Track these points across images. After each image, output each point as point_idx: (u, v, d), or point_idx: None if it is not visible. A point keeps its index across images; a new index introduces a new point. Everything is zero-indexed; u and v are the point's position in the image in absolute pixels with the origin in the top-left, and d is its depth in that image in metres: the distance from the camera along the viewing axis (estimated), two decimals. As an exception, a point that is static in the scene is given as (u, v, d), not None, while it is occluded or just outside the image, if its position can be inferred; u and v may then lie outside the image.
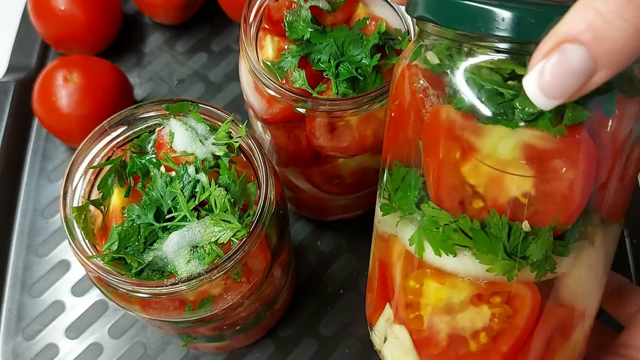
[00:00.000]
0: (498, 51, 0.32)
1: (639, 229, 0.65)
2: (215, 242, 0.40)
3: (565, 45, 0.26)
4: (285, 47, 0.48)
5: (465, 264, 0.35)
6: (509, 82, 0.31)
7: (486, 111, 0.32)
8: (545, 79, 0.27)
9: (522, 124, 0.31)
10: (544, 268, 0.34)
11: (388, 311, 0.41)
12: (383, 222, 0.41)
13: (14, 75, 0.75)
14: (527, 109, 0.31)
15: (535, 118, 0.31)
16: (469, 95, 0.32)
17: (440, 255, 0.35)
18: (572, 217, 0.33)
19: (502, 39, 0.31)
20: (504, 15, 0.29)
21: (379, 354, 0.43)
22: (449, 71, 0.33)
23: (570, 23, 0.26)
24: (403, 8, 0.49)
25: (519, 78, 0.30)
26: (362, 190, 0.59)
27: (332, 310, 0.63)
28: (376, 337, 0.43)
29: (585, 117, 0.31)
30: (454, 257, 0.35)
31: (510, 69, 0.32)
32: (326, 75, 0.46)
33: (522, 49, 0.31)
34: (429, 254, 0.36)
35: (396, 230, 0.38)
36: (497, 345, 0.37)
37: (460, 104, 0.32)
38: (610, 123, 0.32)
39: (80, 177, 0.43)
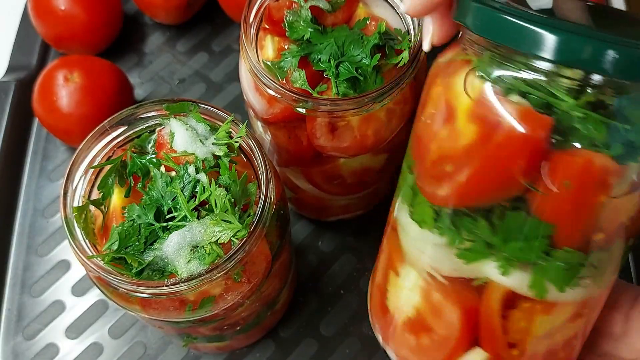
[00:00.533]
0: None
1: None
2: (216, 242, 0.40)
3: None
4: (286, 47, 0.47)
5: (584, 291, 0.36)
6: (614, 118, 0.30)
7: (621, 151, 0.31)
8: None
9: None
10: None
11: (475, 356, 0.39)
12: (461, 269, 0.37)
13: (14, 75, 0.75)
14: None
15: None
16: (613, 138, 0.30)
17: (563, 292, 0.36)
18: None
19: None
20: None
21: None
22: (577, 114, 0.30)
23: None
24: (403, 7, 0.49)
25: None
26: (363, 190, 0.59)
27: (333, 311, 0.63)
28: None
29: None
30: (575, 288, 0.36)
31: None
32: (326, 75, 0.46)
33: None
34: (551, 293, 0.36)
35: (497, 276, 0.36)
36: (576, 345, 0.40)
37: (611, 149, 0.30)
38: None
39: (81, 177, 0.43)
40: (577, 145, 0.30)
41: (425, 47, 0.38)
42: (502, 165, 0.33)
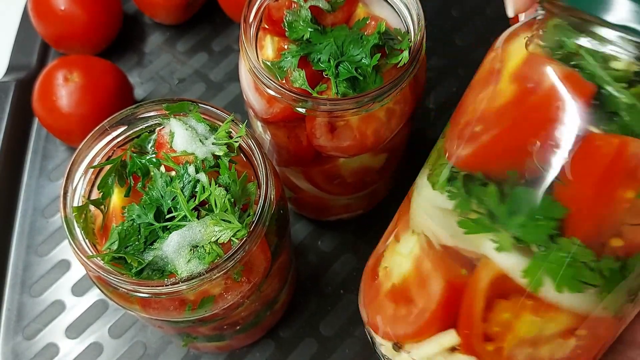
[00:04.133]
0: None
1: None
2: (216, 241, 0.40)
3: None
4: (285, 47, 0.48)
5: (585, 301, 0.33)
6: None
7: None
8: None
9: None
10: (636, 302, 0.34)
11: (450, 338, 0.37)
12: (459, 237, 0.35)
13: (14, 75, 0.75)
14: None
15: None
16: None
17: (560, 292, 0.32)
18: None
19: None
20: None
21: None
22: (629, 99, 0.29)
23: None
24: (403, 8, 0.49)
25: None
26: (363, 190, 0.59)
27: (333, 311, 0.63)
28: (408, 359, 0.39)
29: None
30: (575, 294, 0.32)
31: None
32: (326, 75, 0.46)
33: None
34: (547, 289, 0.33)
35: (492, 253, 0.34)
36: None
37: None
38: None
39: (81, 177, 0.43)
40: (613, 129, 0.29)
41: (510, 12, 0.36)
42: (529, 130, 0.31)
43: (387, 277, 0.41)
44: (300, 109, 0.45)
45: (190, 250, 0.40)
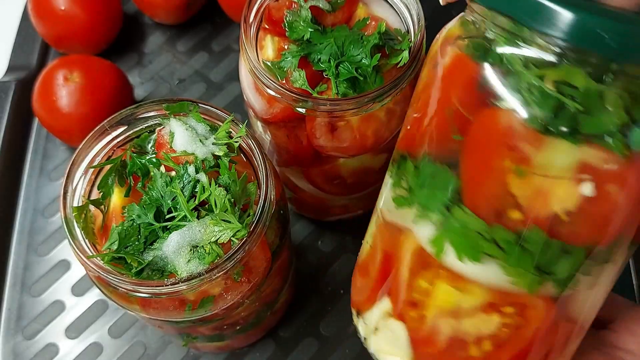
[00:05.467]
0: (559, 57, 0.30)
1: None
2: (216, 242, 0.40)
3: None
4: (286, 47, 0.47)
5: (488, 273, 0.34)
6: (573, 94, 0.30)
7: (548, 123, 0.30)
8: None
9: (584, 141, 0.29)
10: (565, 285, 0.33)
11: (386, 304, 0.40)
12: (394, 212, 0.39)
13: (14, 75, 0.75)
14: (593, 126, 0.29)
15: (600, 137, 0.29)
16: (531, 103, 0.30)
17: (462, 261, 0.34)
18: (609, 240, 0.32)
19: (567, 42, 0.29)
20: (569, 17, 0.28)
21: (362, 341, 0.43)
22: (512, 71, 0.31)
23: None
24: (403, 8, 0.49)
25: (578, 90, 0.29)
26: (363, 190, 0.59)
27: (333, 311, 0.63)
28: (363, 325, 0.43)
29: None
30: (477, 264, 0.34)
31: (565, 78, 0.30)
32: (326, 75, 0.46)
33: (582, 57, 0.29)
34: (450, 258, 0.35)
35: (412, 225, 0.37)
36: (497, 354, 0.36)
37: (523, 111, 0.30)
38: None
39: (81, 177, 0.43)
40: (502, 104, 0.30)
41: (442, 1, 0.40)
42: (430, 108, 0.34)
43: (360, 255, 0.46)
44: (300, 109, 0.45)
45: (190, 250, 0.40)
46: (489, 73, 0.31)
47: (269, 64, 0.47)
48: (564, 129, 0.29)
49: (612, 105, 0.29)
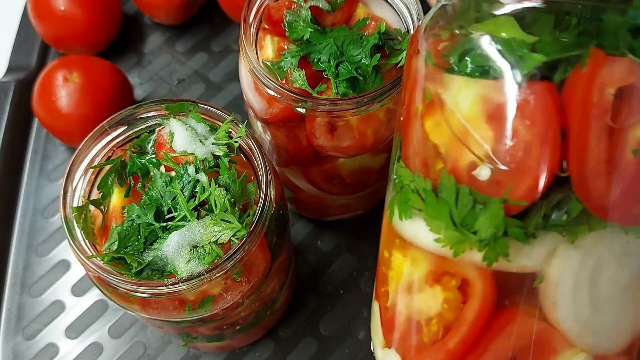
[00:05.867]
0: None
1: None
2: (215, 242, 0.40)
3: None
4: (285, 47, 0.48)
5: (418, 230, 0.32)
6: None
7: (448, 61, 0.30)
8: None
9: (477, 74, 0.29)
10: (493, 250, 0.30)
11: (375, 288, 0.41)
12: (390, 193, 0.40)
13: (14, 75, 0.75)
14: (479, 58, 0.29)
15: (487, 70, 0.29)
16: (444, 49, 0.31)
17: (402, 219, 0.33)
18: (529, 191, 0.29)
19: None
20: None
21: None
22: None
23: None
24: (403, 8, 0.49)
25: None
26: (362, 190, 0.59)
27: (332, 310, 0.63)
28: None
29: (538, 64, 0.27)
30: (410, 221, 0.33)
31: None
32: (326, 75, 0.46)
33: None
34: (396, 220, 0.34)
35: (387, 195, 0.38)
36: (445, 340, 0.33)
37: (430, 55, 0.31)
38: (584, 79, 0.27)
39: (81, 177, 0.43)
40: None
41: None
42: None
43: None
44: (300, 109, 0.45)
45: (190, 250, 0.40)
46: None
47: (268, 64, 0.47)
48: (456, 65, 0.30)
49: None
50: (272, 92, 0.45)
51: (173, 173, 0.43)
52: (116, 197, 0.43)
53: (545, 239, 0.30)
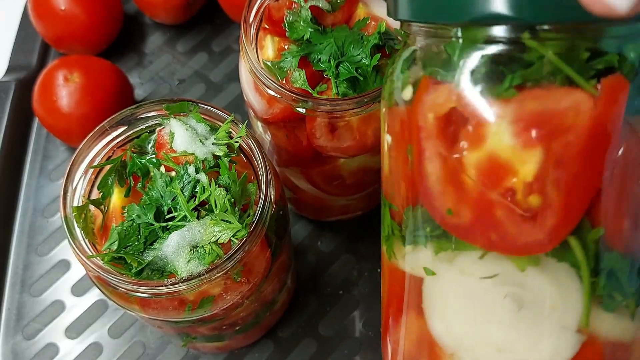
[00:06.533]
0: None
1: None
2: (215, 242, 0.40)
3: None
4: (286, 47, 0.48)
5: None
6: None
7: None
8: None
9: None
10: (389, 247, 0.36)
11: None
12: None
13: (14, 75, 0.75)
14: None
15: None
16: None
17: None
18: (401, 203, 0.34)
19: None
20: None
21: None
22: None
23: None
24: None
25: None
26: (363, 190, 0.59)
27: (332, 311, 0.63)
28: None
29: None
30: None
31: None
32: (326, 75, 0.46)
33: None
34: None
35: None
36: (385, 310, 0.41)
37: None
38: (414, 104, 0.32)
39: (81, 177, 0.43)
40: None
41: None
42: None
43: None
44: (300, 109, 0.45)
45: (190, 250, 0.40)
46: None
47: (269, 64, 0.47)
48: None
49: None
50: (272, 92, 0.45)
51: (173, 173, 0.43)
52: (116, 197, 0.43)
53: (421, 248, 0.33)
